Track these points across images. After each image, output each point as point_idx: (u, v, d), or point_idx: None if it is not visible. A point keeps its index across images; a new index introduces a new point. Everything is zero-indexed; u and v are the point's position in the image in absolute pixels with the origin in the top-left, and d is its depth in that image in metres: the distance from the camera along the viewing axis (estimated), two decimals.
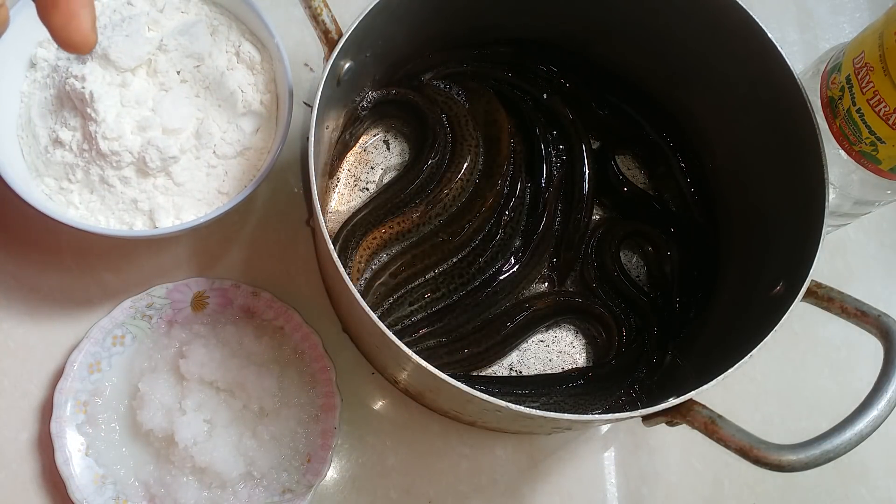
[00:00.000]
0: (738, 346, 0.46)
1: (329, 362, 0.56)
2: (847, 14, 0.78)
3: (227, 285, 0.57)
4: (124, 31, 0.54)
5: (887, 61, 0.51)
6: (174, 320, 0.57)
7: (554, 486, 0.60)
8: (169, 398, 0.53)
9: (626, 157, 0.66)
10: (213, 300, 0.58)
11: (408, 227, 0.59)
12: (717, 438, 0.43)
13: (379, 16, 0.50)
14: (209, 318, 0.57)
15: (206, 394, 0.54)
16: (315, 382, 0.56)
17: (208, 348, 0.55)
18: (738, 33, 0.53)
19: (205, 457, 0.52)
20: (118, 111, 0.53)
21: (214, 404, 0.54)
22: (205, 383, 0.54)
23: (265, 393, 0.54)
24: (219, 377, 0.54)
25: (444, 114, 0.62)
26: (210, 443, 0.52)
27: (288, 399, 0.56)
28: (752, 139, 0.58)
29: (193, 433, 0.52)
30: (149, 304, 0.56)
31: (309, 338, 0.57)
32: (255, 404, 0.54)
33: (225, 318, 0.57)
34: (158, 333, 0.57)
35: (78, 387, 0.54)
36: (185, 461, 0.52)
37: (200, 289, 0.57)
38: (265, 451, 0.54)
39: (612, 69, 0.64)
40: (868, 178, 0.57)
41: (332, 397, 0.56)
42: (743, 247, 0.59)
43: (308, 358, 0.57)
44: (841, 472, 0.63)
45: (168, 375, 0.55)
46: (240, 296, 0.58)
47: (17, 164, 0.54)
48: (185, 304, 0.57)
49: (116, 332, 0.56)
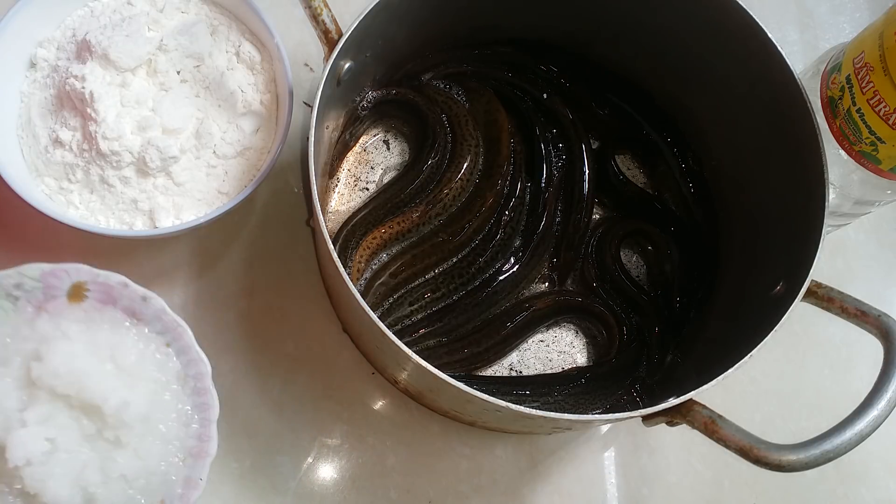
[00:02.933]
0: (738, 346, 0.46)
1: (213, 399, 0.49)
2: (847, 14, 0.78)
3: (113, 281, 0.50)
4: (124, 31, 0.54)
5: (887, 61, 0.51)
6: (43, 307, 0.49)
7: (554, 486, 0.60)
8: (10, 402, 0.45)
9: (626, 157, 0.66)
10: (93, 294, 0.50)
11: (408, 227, 0.59)
12: (717, 438, 0.43)
13: (379, 16, 0.50)
14: (85, 314, 0.50)
15: (55, 407, 0.46)
16: (190, 420, 0.49)
17: (71, 354, 0.46)
18: (738, 33, 0.53)
19: (36, 483, 0.44)
20: (118, 111, 0.53)
21: (63, 422, 0.45)
22: (57, 395, 0.46)
23: (127, 420, 0.46)
24: (75, 390, 0.45)
25: (444, 114, 0.62)
26: (46, 467, 0.44)
27: (153, 432, 0.47)
28: (752, 139, 0.58)
29: (28, 451, 0.43)
30: (17, 283, 0.49)
31: (196, 365, 0.50)
32: (112, 432, 0.46)
33: (103, 319, 0.50)
34: (21, 319, 0.49)
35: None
36: (12, 480, 0.44)
37: (82, 279, 0.50)
38: (110, 489, 0.46)
39: (612, 69, 0.64)
40: (868, 178, 0.57)
41: (206, 441, 0.48)
42: (743, 247, 0.59)
43: (191, 388, 0.50)
44: (841, 472, 0.63)
45: (17, 373, 0.46)
46: (126, 296, 0.50)
47: (17, 163, 0.54)
48: (60, 292, 0.50)
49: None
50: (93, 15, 0.57)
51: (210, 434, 0.48)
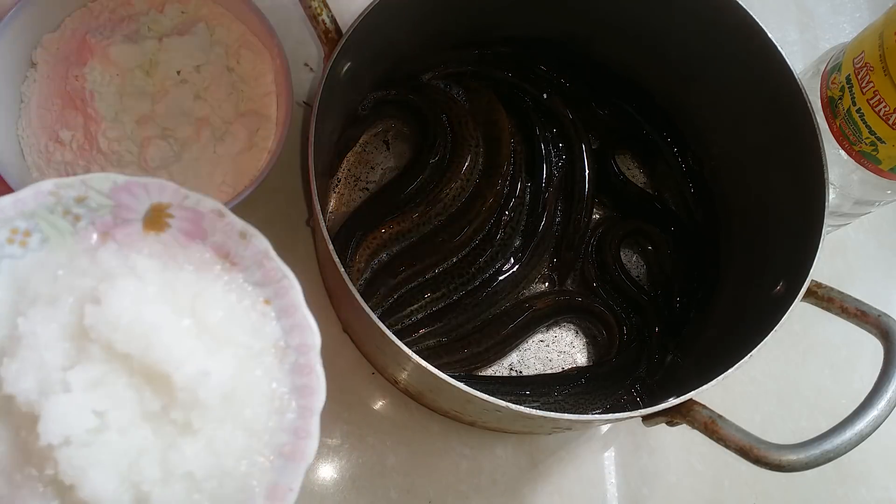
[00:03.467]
0: (738, 346, 0.46)
1: (319, 382, 0.37)
2: (847, 14, 0.78)
3: (205, 206, 0.39)
4: (124, 31, 0.54)
5: (887, 61, 0.51)
6: (111, 234, 0.38)
7: (554, 486, 0.60)
8: (54, 355, 0.34)
9: (626, 157, 0.66)
10: (178, 223, 0.39)
11: (408, 227, 0.59)
12: (717, 438, 0.43)
13: (379, 16, 0.50)
14: (164, 248, 0.39)
15: (111, 369, 0.34)
16: (286, 407, 0.37)
17: (139, 298, 0.35)
18: (738, 33, 0.53)
19: (74, 470, 0.32)
20: (118, 111, 0.53)
21: (118, 391, 0.34)
22: (114, 354, 0.34)
23: (204, 398, 0.34)
24: (140, 348, 0.34)
25: (444, 114, 0.62)
26: (90, 451, 0.33)
27: (235, 419, 0.36)
28: (752, 139, 0.58)
29: (69, 426, 0.32)
30: (80, 198, 0.38)
31: (302, 332, 0.38)
32: (182, 411, 0.34)
33: (186, 257, 0.39)
34: (81, 247, 0.38)
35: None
36: (44, 464, 0.33)
37: (165, 199, 0.38)
38: (170, 491, 0.34)
39: (613, 69, 0.64)
40: (868, 178, 0.57)
41: (303, 439, 0.37)
42: (743, 247, 0.59)
43: (290, 363, 0.38)
44: (841, 472, 0.63)
45: (66, 318, 0.35)
46: (220, 230, 0.39)
47: (18, 163, 0.54)
48: (135, 216, 0.38)
49: (20, 223, 0.37)
50: (92, 15, 0.57)
51: (310, 429, 0.37)
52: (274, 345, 0.38)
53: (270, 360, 0.38)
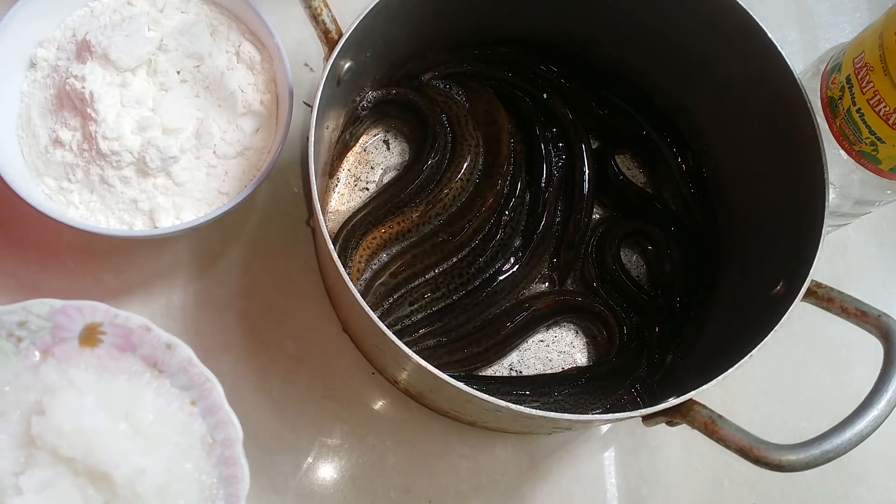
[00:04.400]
0: (738, 346, 0.46)
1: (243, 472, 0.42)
2: (847, 14, 0.78)
3: (133, 323, 0.43)
4: (124, 31, 0.54)
5: (887, 61, 0.51)
6: (50, 351, 0.43)
7: (554, 486, 0.60)
8: (6, 462, 0.39)
9: (626, 157, 0.66)
10: (110, 339, 0.43)
11: (408, 227, 0.59)
12: (717, 438, 0.43)
13: (379, 16, 0.50)
14: (98, 362, 0.43)
15: (57, 472, 0.39)
16: (215, 496, 0.42)
17: (79, 408, 0.40)
18: (738, 33, 0.53)
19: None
20: (118, 111, 0.53)
21: (65, 491, 0.39)
22: (60, 458, 0.39)
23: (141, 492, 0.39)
24: (82, 452, 0.39)
25: (444, 114, 0.62)
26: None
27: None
28: (752, 139, 0.58)
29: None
30: (21, 322, 0.43)
31: (225, 428, 0.43)
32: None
33: (119, 368, 0.43)
34: (24, 365, 0.42)
35: None
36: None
37: (97, 319, 0.43)
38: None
39: (612, 69, 0.64)
40: (868, 178, 0.57)
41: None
42: (743, 246, 0.59)
43: (217, 456, 0.43)
44: (841, 472, 0.63)
45: (15, 429, 0.40)
46: (148, 342, 0.43)
47: (17, 163, 0.54)
48: (70, 335, 0.43)
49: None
50: (93, 15, 0.57)
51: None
52: (201, 440, 0.43)
53: (199, 455, 0.43)
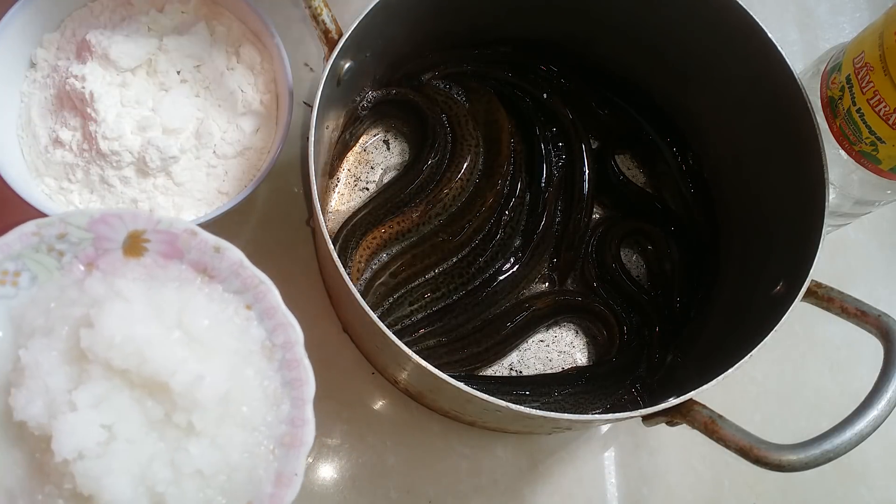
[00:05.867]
0: (738, 346, 0.46)
1: (307, 373, 0.40)
2: (847, 14, 0.78)
3: (178, 228, 0.41)
4: (124, 31, 0.54)
5: (887, 61, 0.51)
6: (94, 264, 0.41)
7: (554, 487, 0.60)
8: (57, 380, 0.37)
9: (626, 157, 0.66)
10: (155, 246, 0.41)
11: (408, 226, 0.59)
12: (717, 438, 0.43)
13: (379, 16, 0.50)
14: (145, 271, 0.41)
15: (112, 385, 0.37)
16: (281, 399, 0.40)
17: (129, 318, 0.37)
18: (738, 33, 0.53)
19: (91, 481, 0.35)
20: (118, 111, 0.53)
21: (122, 404, 0.37)
22: (114, 371, 0.37)
23: (201, 400, 0.37)
24: (136, 363, 0.37)
25: (444, 114, 0.62)
26: (103, 461, 0.35)
27: (234, 417, 0.38)
28: (752, 139, 0.58)
29: (81, 442, 0.35)
30: (61, 235, 0.40)
31: (285, 331, 0.41)
32: (183, 415, 0.37)
33: (167, 277, 0.41)
34: (69, 279, 0.40)
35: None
36: (61, 479, 0.36)
37: (139, 227, 0.41)
38: (183, 489, 0.37)
39: (612, 69, 0.64)
40: (868, 178, 0.57)
41: (300, 427, 0.39)
42: (743, 246, 0.59)
43: (278, 360, 0.41)
44: (841, 472, 0.63)
45: (64, 345, 0.38)
46: (195, 247, 0.41)
47: (17, 164, 0.54)
48: (114, 245, 0.41)
49: (8, 265, 0.40)
50: (93, 15, 0.57)
51: (305, 417, 0.39)
52: (261, 345, 0.41)
53: (259, 360, 0.40)
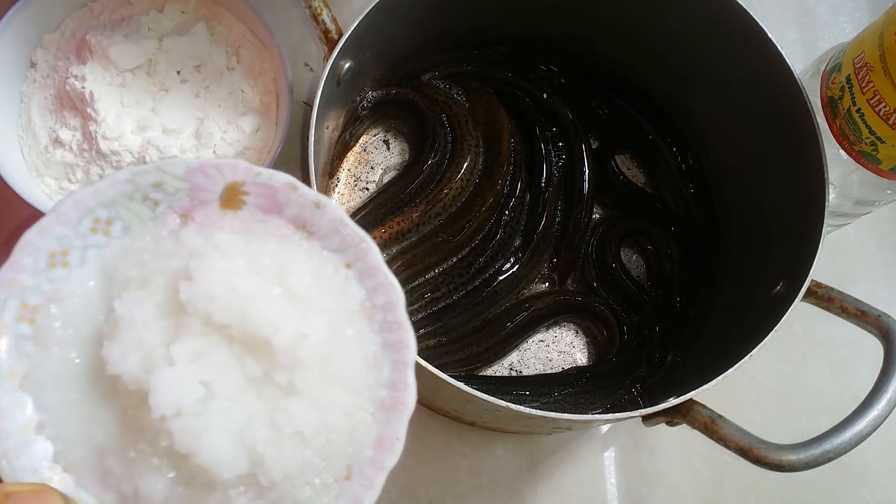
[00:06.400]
0: (738, 346, 0.46)
1: (408, 335, 0.38)
2: (847, 14, 0.78)
3: (278, 181, 0.39)
4: (124, 30, 0.54)
5: (887, 61, 0.51)
6: (190, 216, 0.39)
7: (554, 487, 0.60)
8: (153, 334, 0.35)
9: (626, 157, 0.66)
10: (253, 199, 0.39)
11: (408, 226, 0.59)
12: (717, 438, 0.43)
13: (379, 16, 0.50)
14: (243, 225, 0.39)
15: (211, 342, 0.35)
16: (381, 361, 0.38)
17: (229, 271, 0.36)
18: (738, 33, 0.53)
19: (190, 439, 0.33)
20: (118, 111, 0.53)
21: (220, 360, 0.35)
22: (213, 326, 0.35)
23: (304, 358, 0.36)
24: (237, 317, 0.35)
25: (444, 114, 0.62)
26: (202, 419, 0.34)
27: (334, 378, 0.37)
28: (751, 139, 0.58)
29: (179, 398, 0.33)
30: (156, 183, 0.38)
31: (386, 291, 0.39)
32: (284, 374, 0.36)
33: (265, 232, 0.39)
34: (163, 231, 0.38)
35: (28, 282, 0.36)
36: (158, 437, 0.34)
37: (238, 178, 0.39)
38: (282, 450, 0.35)
39: (612, 69, 0.64)
40: (868, 178, 0.57)
41: (401, 391, 0.38)
42: (743, 246, 0.59)
43: (379, 321, 0.39)
44: (841, 472, 0.63)
45: (160, 297, 0.36)
46: (295, 202, 0.39)
47: (17, 164, 0.54)
48: (211, 196, 0.39)
49: (101, 213, 0.37)
50: (92, 15, 0.57)
51: (407, 381, 0.38)
52: (360, 305, 0.39)
53: (359, 321, 0.39)
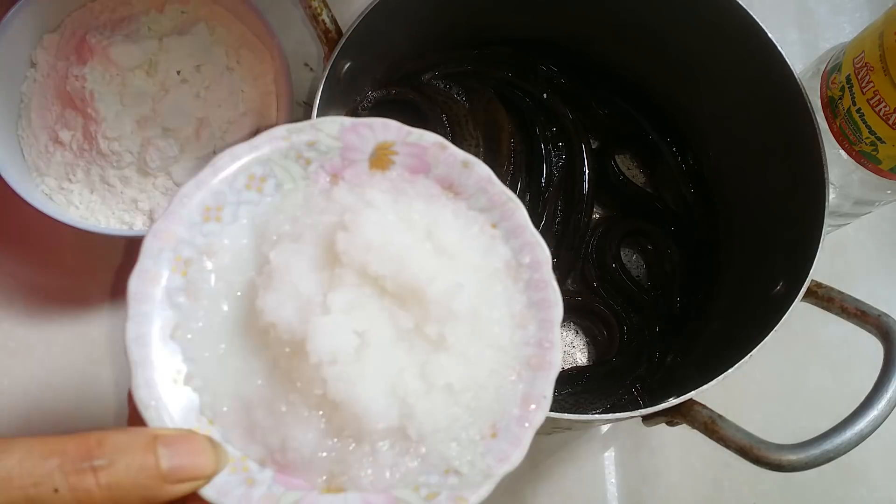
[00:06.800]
0: (738, 346, 0.46)
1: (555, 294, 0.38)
2: (847, 14, 0.78)
3: (427, 141, 0.40)
4: (124, 31, 0.54)
5: (887, 61, 0.51)
6: (340, 175, 0.40)
7: (554, 487, 0.60)
8: (310, 285, 0.35)
9: (626, 157, 0.66)
10: (402, 159, 0.40)
11: None
12: (717, 438, 0.43)
13: (379, 15, 0.50)
14: (391, 185, 0.40)
15: (364, 293, 0.36)
16: (527, 320, 0.38)
17: (385, 225, 0.37)
18: (738, 33, 0.53)
19: (345, 386, 0.34)
20: (118, 111, 0.53)
21: (373, 313, 0.36)
22: (367, 276, 0.36)
23: (456, 310, 0.36)
24: (393, 268, 0.36)
25: (444, 114, 0.62)
26: (356, 367, 0.34)
27: (482, 334, 0.37)
28: (752, 139, 0.58)
29: (335, 345, 0.34)
30: (311, 142, 0.39)
31: (532, 250, 0.39)
32: (435, 327, 0.36)
33: (413, 191, 0.40)
34: (314, 189, 0.39)
35: (183, 234, 0.37)
36: (311, 385, 0.34)
37: (389, 138, 0.40)
38: (432, 402, 0.35)
39: (613, 69, 0.64)
40: (868, 178, 0.57)
41: (547, 349, 0.37)
42: (743, 246, 0.59)
43: (525, 280, 0.39)
44: (841, 472, 0.63)
45: (314, 252, 0.37)
46: (443, 161, 0.40)
47: (18, 163, 0.54)
48: (361, 156, 0.40)
49: (256, 169, 0.38)
50: (92, 15, 0.57)
51: (553, 340, 0.37)
52: (506, 265, 0.39)
53: (505, 279, 0.39)
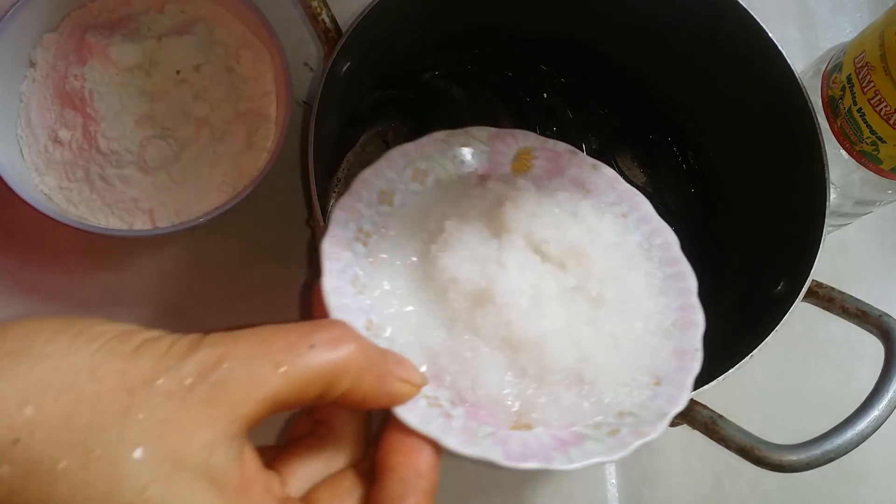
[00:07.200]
0: (739, 346, 0.46)
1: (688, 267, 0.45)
2: (848, 13, 0.78)
3: (561, 148, 0.47)
4: (124, 30, 0.54)
5: (888, 61, 0.50)
6: (488, 176, 0.46)
7: (554, 487, 0.59)
8: (484, 248, 0.40)
9: (626, 156, 0.66)
10: (540, 163, 0.47)
11: None
12: (717, 438, 0.43)
13: (379, 15, 0.50)
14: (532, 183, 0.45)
15: (527, 258, 0.40)
16: (667, 290, 0.44)
17: (540, 202, 0.42)
18: (738, 33, 0.53)
19: (530, 325, 0.38)
20: (118, 110, 0.53)
21: (540, 272, 0.40)
22: (530, 243, 0.41)
23: (613, 266, 0.41)
24: (555, 235, 0.41)
25: (444, 114, 0.62)
26: (537, 310, 0.38)
27: (633, 296, 0.42)
28: (752, 139, 0.58)
29: (516, 290, 0.38)
30: (465, 145, 0.46)
31: (661, 234, 0.46)
32: (597, 285, 0.40)
33: (553, 187, 0.46)
34: (468, 183, 0.45)
35: (363, 211, 0.42)
36: (496, 328, 0.38)
37: (529, 144, 0.47)
38: (604, 348, 0.39)
39: (613, 69, 0.64)
40: (869, 178, 0.57)
41: (690, 311, 0.43)
42: (743, 247, 0.59)
43: (658, 259, 0.45)
44: (842, 473, 0.63)
45: (480, 224, 0.41)
46: (575, 164, 0.47)
47: (17, 163, 0.54)
48: (505, 159, 0.46)
49: (420, 164, 0.44)
50: (92, 15, 0.57)
51: (694, 304, 0.43)
52: (639, 246, 0.45)
53: (640, 259, 0.44)
